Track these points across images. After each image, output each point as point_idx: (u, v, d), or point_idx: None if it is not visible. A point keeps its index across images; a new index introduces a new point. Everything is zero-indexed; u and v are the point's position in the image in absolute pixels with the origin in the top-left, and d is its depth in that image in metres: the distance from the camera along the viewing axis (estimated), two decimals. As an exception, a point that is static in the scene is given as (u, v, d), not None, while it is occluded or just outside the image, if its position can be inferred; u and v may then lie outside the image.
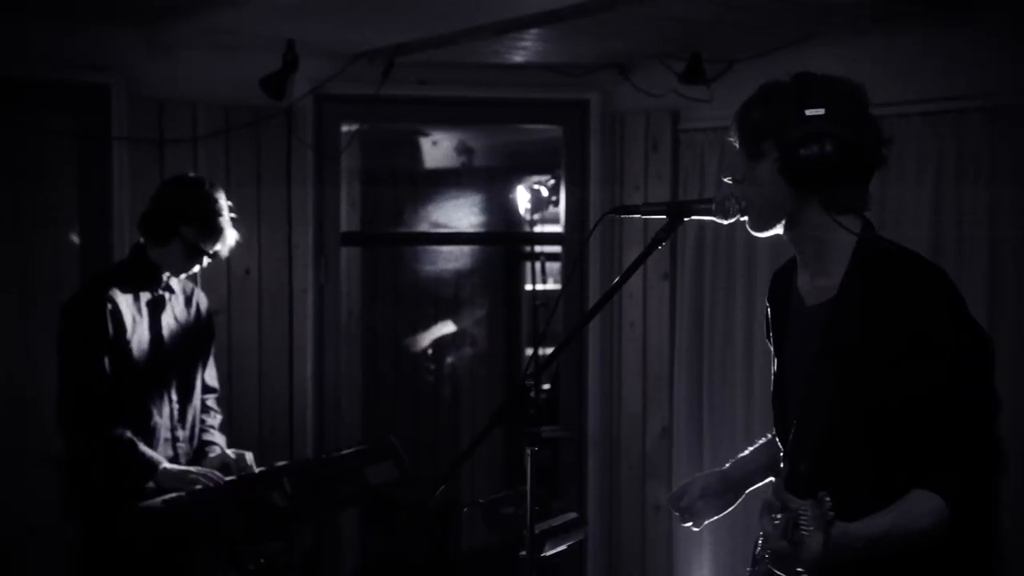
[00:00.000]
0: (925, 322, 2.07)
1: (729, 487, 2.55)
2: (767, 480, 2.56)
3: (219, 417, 3.84)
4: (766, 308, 2.47)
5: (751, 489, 2.58)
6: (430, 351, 6.01)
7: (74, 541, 3.57)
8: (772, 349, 2.44)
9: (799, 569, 2.02)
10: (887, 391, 2.09)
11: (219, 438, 3.75)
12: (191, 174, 3.79)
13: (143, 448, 3.40)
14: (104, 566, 3.48)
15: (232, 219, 3.58)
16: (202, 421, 3.74)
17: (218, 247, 3.55)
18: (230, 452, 3.65)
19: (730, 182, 2.29)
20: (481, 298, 6.06)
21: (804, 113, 2.14)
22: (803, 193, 2.18)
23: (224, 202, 3.56)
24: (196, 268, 3.60)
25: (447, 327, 6.01)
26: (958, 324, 2.10)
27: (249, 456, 3.62)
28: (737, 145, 2.27)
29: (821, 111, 2.13)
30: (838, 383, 2.18)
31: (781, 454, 2.38)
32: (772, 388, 2.42)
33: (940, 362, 2.05)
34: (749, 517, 2.32)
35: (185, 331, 3.66)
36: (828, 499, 1.93)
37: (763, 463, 2.56)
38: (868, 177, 2.23)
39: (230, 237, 3.57)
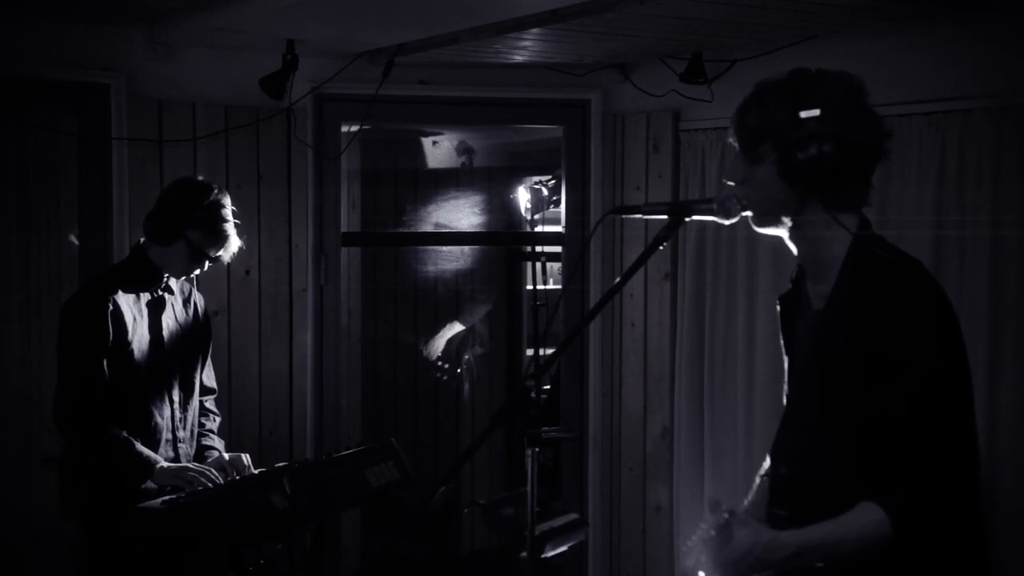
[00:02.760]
0: (904, 340, 2.04)
1: None
2: None
3: (217, 420, 3.84)
4: (777, 308, 2.47)
5: None
6: (437, 353, 6.00)
7: (75, 542, 3.56)
8: (784, 351, 2.43)
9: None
10: (860, 404, 2.08)
11: (218, 443, 3.75)
12: (200, 177, 3.77)
13: (140, 447, 3.40)
14: (105, 567, 3.47)
15: (236, 225, 3.58)
16: (201, 425, 3.74)
17: (221, 252, 3.55)
18: (227, 456, 3.65)
19: (732, 184, 2.28)
20: (481, 298, 6.05)
21: (800, 115, 2.12)
22: (804, 194, 2.18)
23: (230, 208, 3.56)
24: (197, 271, 3.59)
25: (456, 328, 6.01)
26: (937, 346, 2.06)
27: (245, 457, 3.61)
28: (736, 147, 2.26)
29: (817, 112, 2.12)
30: (821, 391, 2.18)
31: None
32: (786, 389, 2.41)
33: (910, 382, 2.02)
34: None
35: (184, 332, 3.65)
36: (725, 510, 2.08)
37: None
38: (869, 173, 2.22)
39: (234, 243, 3.57)
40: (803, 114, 2.12)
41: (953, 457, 2.03)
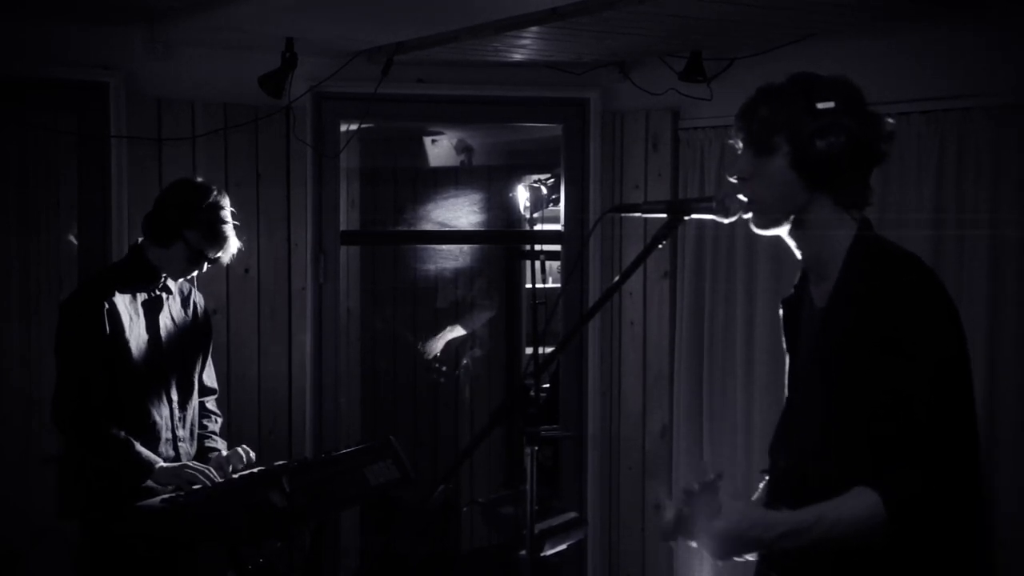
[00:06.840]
0: (912, 327, 2.05)
1: None
2: None
3: (220, 421, 3.84)
4: (780, 312, 2.47)
5: None
6: (435, 354, 6.00)
7: (75, 542, 3.56)
8: (787, 353, 2.44)
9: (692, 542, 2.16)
10: (866, 391, 2.08)
11: (221, 444, 3.75)
12: (199, 179, 3.76)
13: (139, 448, 3.39)
14: (104, 567, 3.47)
15: (235, 226, 3.58)
16: (204, 427, 3.73)
17: (220, 254, 3.55)
18: (225, 453, 3.65)
19: (736, 181, 2.28)
20: (480, 297, 6.05)
21: (816, 106, 2.14)
22: (814, 187, 2.18)
23: (229, 210, 3.55)
24: (195, 272, 3.59)
25: (457, 331, 6.01)
26: (945, 333, 2.08)
27: (241, 450, 3.59)
28: (741, 145, 2.26)
29: (832, 104, 2.14)
30: (825, 382, 2.19)
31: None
32: (786, 389, 2.41)
33: (906, 369, 2.03)
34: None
35: (183, 331, 3.65)
36: (713, 476, 2.13)
37: None
38: (870, 173, 2.23)
39: (233, 245, 3.57)
40: (820, 105, 2.14)
41: (955, 444, 2.03)
